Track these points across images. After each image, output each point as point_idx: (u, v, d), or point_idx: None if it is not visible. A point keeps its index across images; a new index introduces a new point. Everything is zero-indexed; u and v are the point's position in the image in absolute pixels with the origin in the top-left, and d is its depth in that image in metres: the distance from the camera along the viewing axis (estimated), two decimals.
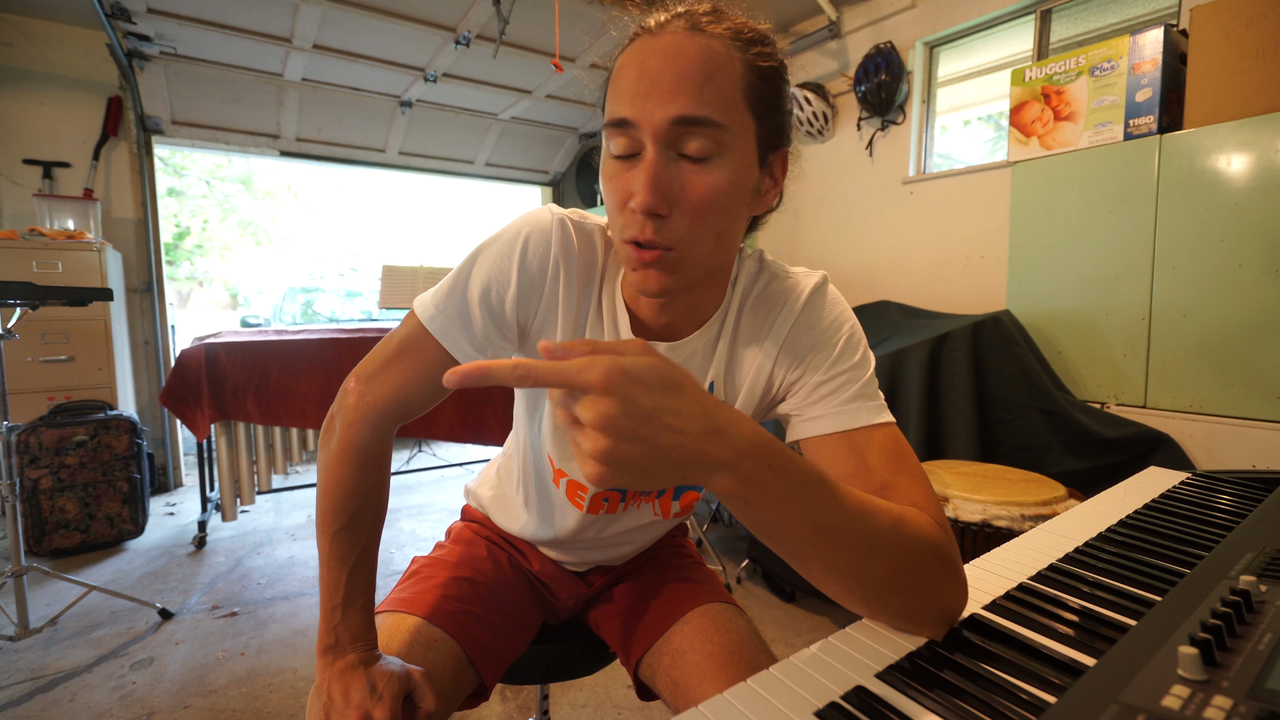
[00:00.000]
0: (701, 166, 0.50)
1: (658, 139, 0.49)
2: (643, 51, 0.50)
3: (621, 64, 0.52)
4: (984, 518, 1.23)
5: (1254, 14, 1.59)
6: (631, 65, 0.50)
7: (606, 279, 0.63)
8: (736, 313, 0.64)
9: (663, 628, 0.74)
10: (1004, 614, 0.50)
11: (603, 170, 0.54)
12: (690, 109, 0.48)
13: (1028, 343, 1.91)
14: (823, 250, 3.26)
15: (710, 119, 0.49)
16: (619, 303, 0.62)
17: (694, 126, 0.49)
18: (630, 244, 0.52)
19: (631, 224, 0.51)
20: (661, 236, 0.51)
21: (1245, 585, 0.46)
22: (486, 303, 0.60)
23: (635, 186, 0.50)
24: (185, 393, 2.29)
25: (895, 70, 2.75)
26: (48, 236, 2.71)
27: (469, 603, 0.73)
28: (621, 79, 0.51)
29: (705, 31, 0.50)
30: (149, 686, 1.60)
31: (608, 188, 0.53)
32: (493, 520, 0.85)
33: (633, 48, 0.52)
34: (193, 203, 10.09)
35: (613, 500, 0.71)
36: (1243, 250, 1.60)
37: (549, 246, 0.59)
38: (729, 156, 0.51)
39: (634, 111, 0.49)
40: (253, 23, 2.84)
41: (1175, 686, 0.35)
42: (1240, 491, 0.77)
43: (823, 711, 0.40)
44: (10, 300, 1.68)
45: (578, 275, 0.61)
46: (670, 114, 0.48)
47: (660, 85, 0.48)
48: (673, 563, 0.85)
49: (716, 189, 0.51)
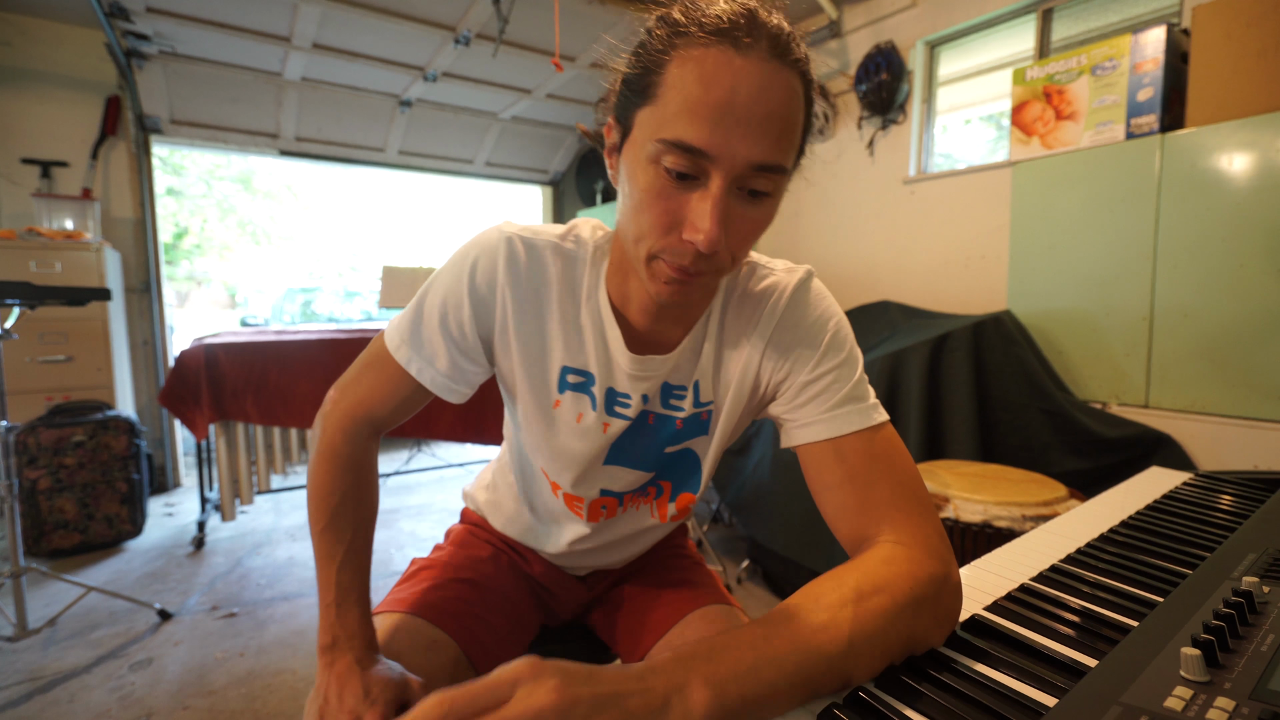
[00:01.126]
0: (758, 202, 0.50)
1: (732, 177, 0.47)
2: (728, 71, 0.45)
3: (693, 71, 0.45)
4: (985, 518, 1.22)
5: (1255, 13, 1.59)
6: (716, 86, 0.45)
7: (588, 294, 0.62)
8: (721, 312, 0.63)
9: (662, 629, 0.74)
10: (1005, 615, 0.50)
11: (645, 180, 0.49)
12: (772, 157, 0.47)
13: (1028, 343, 1.91)
14: (823, 250, 3.26)
15: (784, 166, 0.48)
16: (605, 313, 0.61)
17: (768, 172, 0.48)
18: (665, 262, 0.50)
19: (681, 251, 0.49)
20: (708, 265, 0.50)
21: (1248, 586, 0.46)
22: (446, 330, 0.61)
23: (694, 217, 0.47)
24: (184, 393, 2.29)
25: (896, 70, 2.75)
26: (46, 236, 2.71)
27: (470, 604, 0.73)
28: (698, 94, 0.45)
29: (788, 63, 0.46)
30: (148, 687, 1.60)
31: (654, 205, 0.49)
32: (491, 523, 0.85)
33: (712, 57, 0.45)
34: (192, 202, 10.09)
35: (611, 506, 0.71)
36: (1244, 250, 1.60)
37: (495, 265, 0.59)
38: (777, 194, 0.51)
39: (713, 144, 0.45)
40: (252, 22, 2.84)
41: (1178, 688, 0.35)
42: (1242, 492, 0.77)
43: (822, 714, 0.40)
44: (9, 300, 1.68)
45: (527, 291, 0.60)
46: (753, 159, 0.46)
47: (748, 124, 0.45)
48: (673, 564, 0.85)
49: (765, 223, 0.51)
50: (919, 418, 1.70)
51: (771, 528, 1.96)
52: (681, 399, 0.64)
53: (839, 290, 3.15)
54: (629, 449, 0.66)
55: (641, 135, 0.49)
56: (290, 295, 6.38)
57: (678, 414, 0.65)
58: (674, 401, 0.65)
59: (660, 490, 0.72)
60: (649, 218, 0.49)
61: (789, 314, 0.61)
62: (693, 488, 0.70)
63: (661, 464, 0.69)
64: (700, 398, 0.64)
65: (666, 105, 0.46)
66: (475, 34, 2.97)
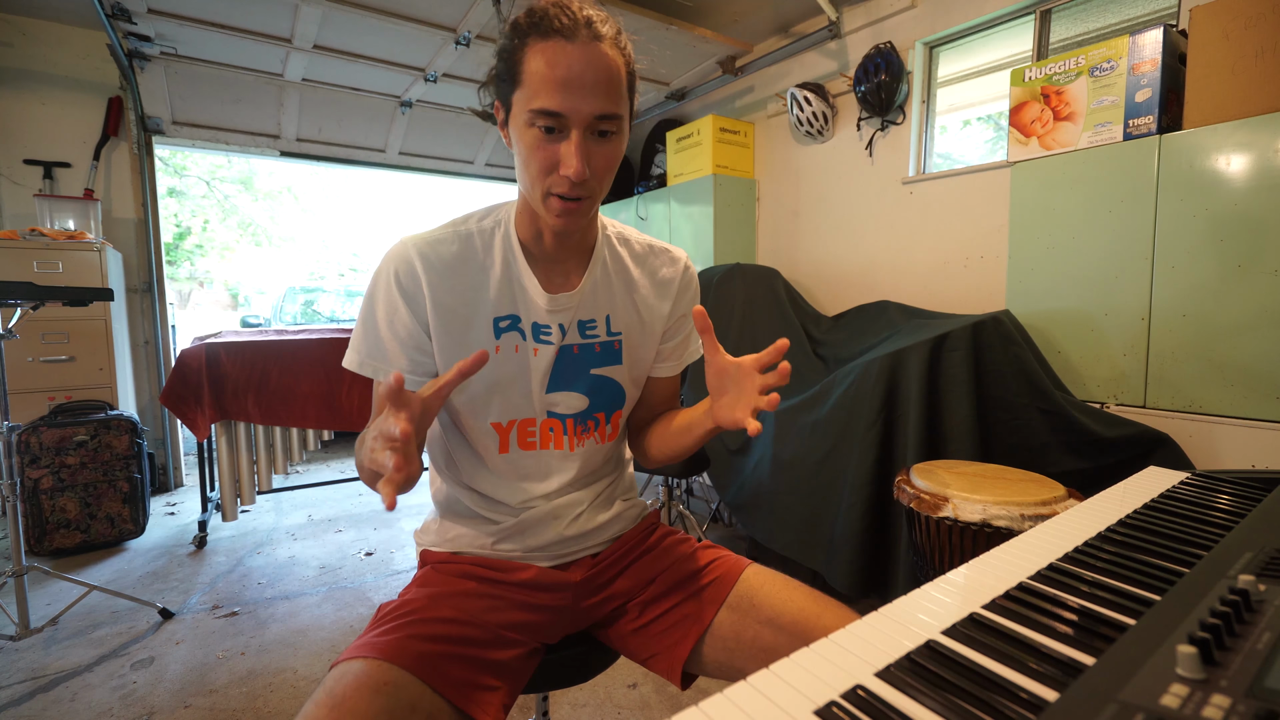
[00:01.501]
0: (608, 140, 0.70)
1: (584, 126, 0.67)
2: (564, 55, 0.65)
3: (540, 59, 0.66)
4: (983, 518, 1.23)
5: (1253, 14, 1.59)
6: (559, 65, 0.65)
7: (501, 256, 0.79)
8: (612, 260, 0.85)
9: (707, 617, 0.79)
10: (1003, 613, 0.50)
11: (528, 140, 0.68)
12: (606, 108, 0.67)
13: (1027, 343, 1.91)
14: (823, 250, 3.27)
15: (618, 113, 0.69)
16: (521, 265, 0.79)
17: (608, 119, 0.68)
18: (555, 196, 0.70)
19: (559, 184, 0.69)
20: (583, 191, 0.70)
21: (1244, 584, 0.46)
22: (394, 331, 0.75)
23: (564, 158, 0.67)
24: (186, 393, 2.30)
25: (895, 70, 2.75)
26: (48, 236, 2.72)
27: (436, 640, 0.69)
28: (545, 73, 0.65)
29: (604, 40, 0.67)
30: (149, 686, 1.60)
31: (535, 155, 0.68)
32: (461, 552, 0.84)
33: (549, 47, 0.65)
34: (193, 203, 10.09)
35: (557, 430, 0.83)
36: (1242, 250, 1.60)
37: (412, 266, 0.75)
38: (621, 132, 0.71)
39: (565, 106, 0.66)
40: (253, 23, 2.84)
41: (1174, 685, 0.35)
42: (1239, 491, 0.78)
43: (822, 710, 0.40)
44: (11, 300, 1.68)
45: (444, 275, 0.76)
46: (595, 110, 0.67)
47: (585, 88, 0.66)
48: (676, 550, 0.89)
49: (617, 156, 0.72)
50: (918, 417, 1.70)
51: (771, 527, 1.96)
52: (594, 329, 0.84)
53: (839, 290, 3.16)
54: (563, 375, 0.82)
55: (518, 109, 0.69)
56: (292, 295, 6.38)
57: (594, 340, 0.84)
58: (589, 332, 0.83)
59: (598, 422, 0.86)
60: (535, 165, 0.69)
61: (687, 279, 0.89)
62: (620, 407, 0.88)
63: (591, 388, 0.84)
64: (611, 328, 0.85)
65: (529, 85, 0.67)
66: (475, 35, 2.97)
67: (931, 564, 1.34)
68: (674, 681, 0.79)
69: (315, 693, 0.61)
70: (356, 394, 2.52)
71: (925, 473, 1.43)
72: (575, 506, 0.85)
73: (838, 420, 1.83)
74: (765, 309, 2.76)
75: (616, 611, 0.85)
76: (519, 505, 0.83)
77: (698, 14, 3.14)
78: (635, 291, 0.86)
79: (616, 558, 0.87)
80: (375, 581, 2.23)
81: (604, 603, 0.85)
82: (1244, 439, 1.61)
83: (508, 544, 0.83)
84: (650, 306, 0.87)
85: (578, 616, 0.85)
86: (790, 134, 3.39)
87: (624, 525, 0.91)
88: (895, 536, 1.69)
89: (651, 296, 0.87)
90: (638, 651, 0.83)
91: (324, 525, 2.85)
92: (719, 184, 3.46)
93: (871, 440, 1.73)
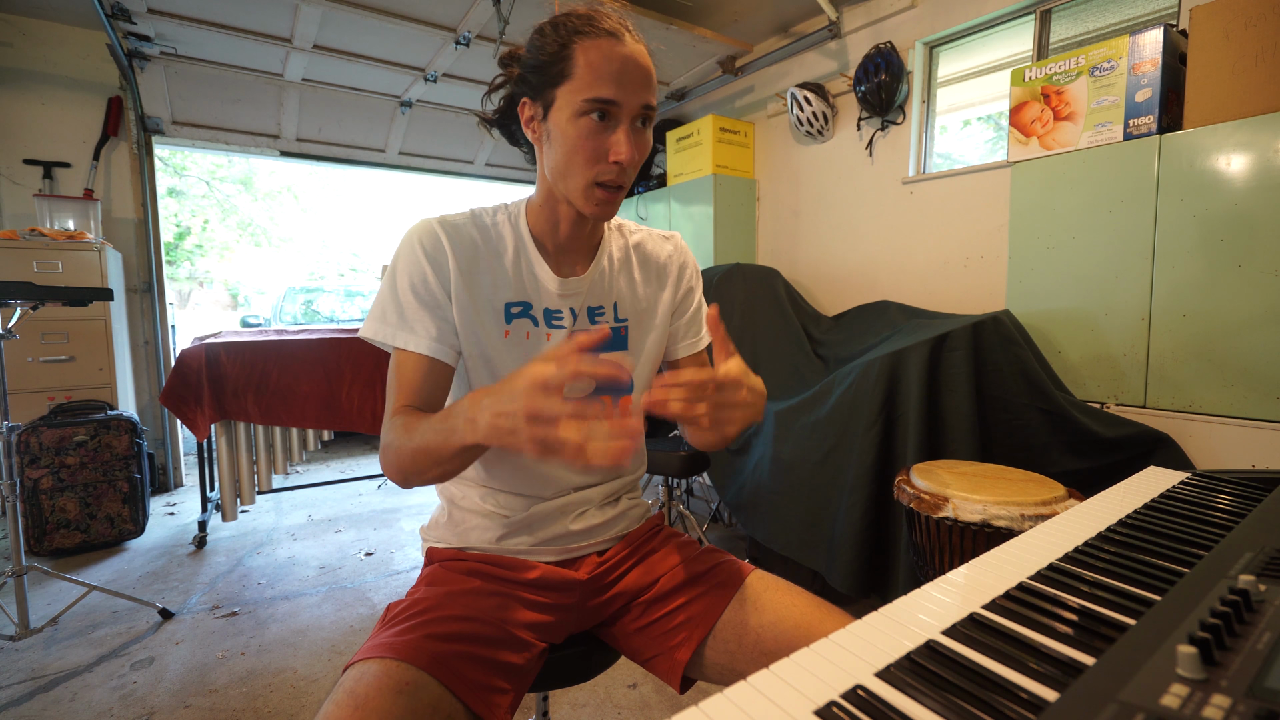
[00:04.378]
0: (645, 129, 0.75)
1: (631, 115, 0.72)
2: (618, 51, 0.71)
3: (596, 54, 0.71)
4: (983, 518, 1.23)
5: (1253, 14, 1.59)
6: (614, 59, 0.71)
7: (513, 243, 0.82)
8: (619, 251, 0.89)
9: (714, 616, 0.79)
10: (1003, 613, 0.50)
11: (576, 130, 0.72)
12: (650, 99, 0.74)
13: (1027, 343, 1.91)
14: (823, 250, 3.27)
15: (655, 104, 0.75)
16: (533, 253, 0.82)
17: (649, 110, 0.74)
18: (599, 186, 0.74)
19: (607, 171, 0.73)
20: (623, 179, 0.75)
21: (1244, 584, 0.46)
22: (419, 297, 0.76)
23: (615, 145, 0.72)
24: (185, 393, 2.29)
25: (895, 70, 2.75)
26: (48, 236, 2.72)
27: (449, 639, 0.69)
28: (601, 65, 0.70)
29: (640, 40, 0.75)
30: (149, 686, 1.60)
31: (585, 143, 0.72)
32: (469, 548, 0.84)
33: (601, 44, 0.71)
34: (193, 203, 10.09)
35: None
36: (1242, 250, 1.60)
37: (436, 236, 0.78)
38: (653, 120, 0.77)
39: (620, 95, 0.71)
40: (253, 23, 2.84)
41: (1174, 685, 0.35)
42: (1239, 491, 0.77)
43: (822, 710, 0.40)
44: (10, 300, 1.68)
45: (465, 251, 0.79)
46: (642, 101, 0.73)
47: (634, 81, 0.72)
48: (680, 552, 0.89)
49: (649, 147, 0.77)
50: (918, 417, 1.70)
51: (771, 528, 1.96)
52: (603, 316, 0.87)
53: (839, 290, 3.16)
54: None
55: (565, 101, 0.72)
56: (291, 295, 6.38)
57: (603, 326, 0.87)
58: (598, 319, 0.87)
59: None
60: (584, 154, 0.72)
61: (684, 260, 0.94)
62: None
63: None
64: (619, 314, 0.88)
65: (582, 78, 0.71)
66: (475, 35, 2.97)
67: (931, 564, 1.34)
68: (673, 685, 0.79)
69: (334, 693, 0.61)
70: (356, 394, 2.52)
71: (925, 473, 1.42)
72: (583, 504, 0.87)
73: (838, 420, 1.83)
74: (765, 309, 2.76)
75: (620, 611, 0.86)
76: (530, 497, 0.84)
77: (698, 14, 3.14)
78: (636, 278, 0.90)
79: (622, 556, 0.88)
80: (375, 581, 2.23)
81: (610, 602, 0.85)
82: (1244, 439, 1.61)
83: (515, 539, 0.83)
84: (651, 291, 0.91)
85: (584, 616, 0.85)
86: (790, 134, 3.39)
87: (629, 524, 0.92)
88: (895, 536, 1.69)
89: (652, 281, 0.91)
90: (639, 651, 0.83)
91: (324, 525, 2.85)
92: (719, 184, 3.46)
93: (871, 440, 1.73)
